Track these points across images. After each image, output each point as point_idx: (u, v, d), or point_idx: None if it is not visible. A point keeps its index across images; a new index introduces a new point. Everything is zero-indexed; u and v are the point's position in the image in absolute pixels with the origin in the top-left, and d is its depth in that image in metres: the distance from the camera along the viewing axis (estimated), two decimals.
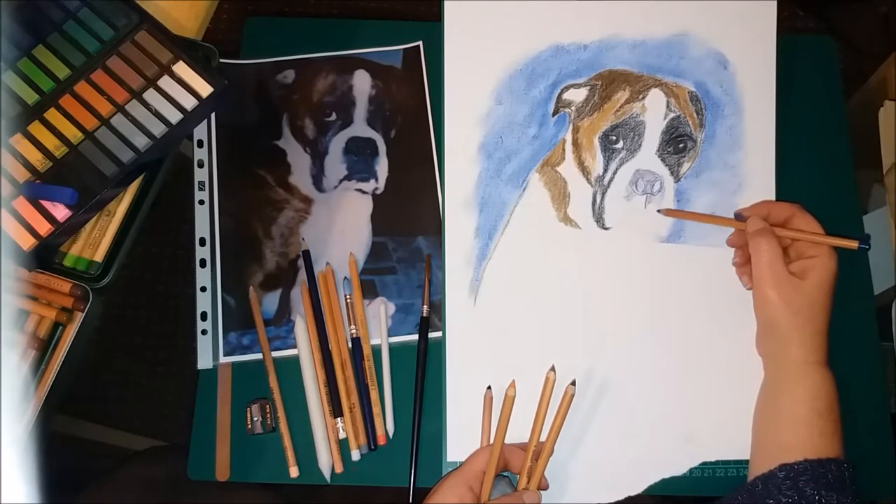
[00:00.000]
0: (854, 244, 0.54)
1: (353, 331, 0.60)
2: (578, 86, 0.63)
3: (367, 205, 0.64)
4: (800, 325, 0.52)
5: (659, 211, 0.61)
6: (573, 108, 0.63)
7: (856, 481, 0.49)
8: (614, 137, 0.62)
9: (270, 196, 0.65)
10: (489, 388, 0.57)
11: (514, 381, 0.50)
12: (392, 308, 0.62)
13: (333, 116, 0.67)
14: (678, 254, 0.60)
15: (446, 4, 0.64)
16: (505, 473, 0.54)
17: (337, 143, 0.66)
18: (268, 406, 0.59)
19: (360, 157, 0.66)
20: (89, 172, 0.61)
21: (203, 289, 0.62)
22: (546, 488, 0.52)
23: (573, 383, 0.50)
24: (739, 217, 0.59)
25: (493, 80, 0.63)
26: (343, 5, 0.76)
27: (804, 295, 0.52)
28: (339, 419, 0.58)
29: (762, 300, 0.54)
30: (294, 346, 0.60)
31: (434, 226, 0.63)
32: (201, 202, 0.64)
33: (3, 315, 0.58)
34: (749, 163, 0.62)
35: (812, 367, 0.52)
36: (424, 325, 0.60)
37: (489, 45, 0.64)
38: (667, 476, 0.56)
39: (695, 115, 0.62)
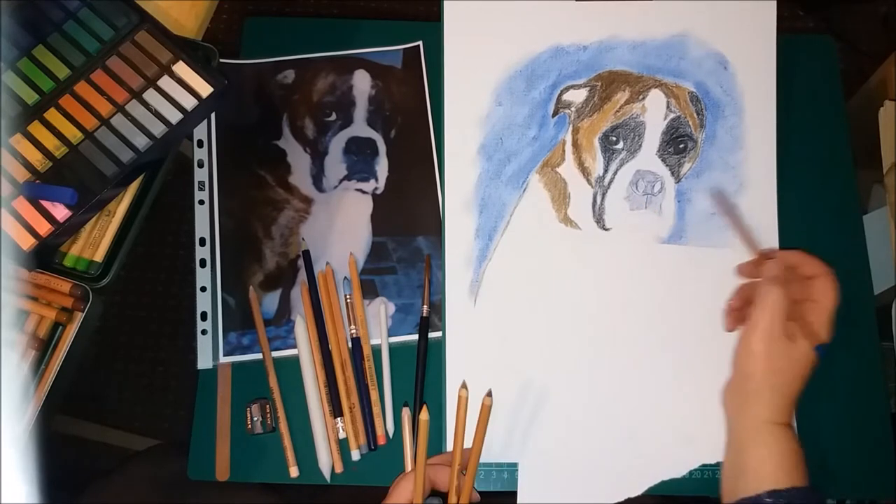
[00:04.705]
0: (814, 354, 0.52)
1: (353, 331, 0.60)
2: (578, 87, 0.63)
3: (367, 205, 0.64)
4: (774, 384, 0.51)
5: (713, 196, 0.59)
6: (573, 108, 0.63)
7: None
8: (614, 138, 0.62)
9: (270, 196, 0.65)
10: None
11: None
12: (392, 308, 0.62)
13: (333, 116, 0.67)
14: (679, 255, 0.60)
15: (446, 4, 0.64)
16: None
17: (337, 143, 0.66)
18: (268, 406, 0.59)
19: (360, 157, 0.66)
20: (89, 172, 0.61)
21: (203, 289, 0.62)
22: (478, 501, 0.51)
23: (489, 394, 0.48)
24: (765, 256, 0.57)
25: (493, 80, 0.63)
26: (343, 5, 0.76)
27: (789, 358, 0.51)
28: (339, 419, 0.58)
29: (746, 349, 0.52)
30: (294, 346, 0.60)
31: (434, 226, 0.63)
32: (201, 202, 0.64)
33: (3, 315, 0.58)
34: (750, 163, 0.62)
35: (776, 427, 0.50)
36: (424, 325, 0.60)
37: (489, 45, 0.64)
38: (666, 478, 0.56)
39: (695, 115, 0.62)
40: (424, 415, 0.48)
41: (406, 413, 0.58)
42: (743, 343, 0.53)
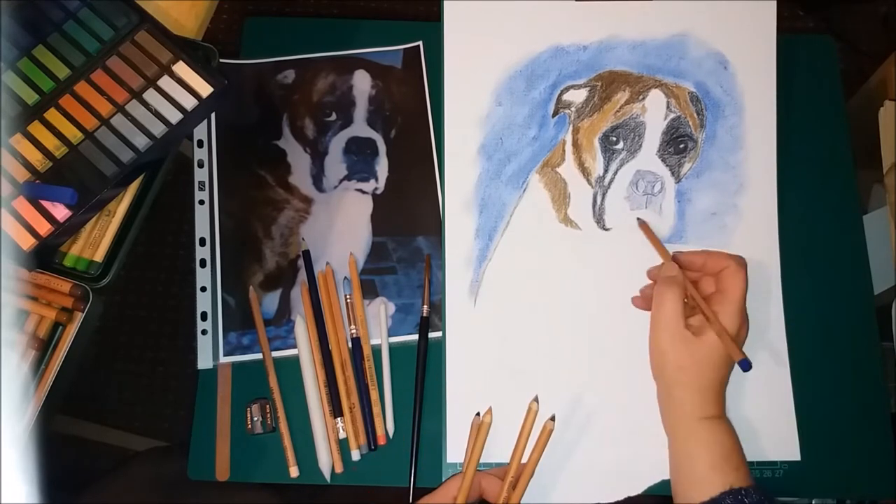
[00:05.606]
0: (739, 356, 0.51)
1: (353, 331, 0.60)
2: (578, 87, 0.63)
3: (367, 205, 0.64)
4: (685, 381, 0.51)
5: (639, 219, 0.60)
6: (573, 108, 0.63)
7: None
8: (614, 138, 0.62)
9: (270, 196, 0.65)
10: (478, 414, 0.56)
11: (490, 409, 0.50)
12: (392, 308, 0.62)
13: (333, 116, 0.67)
14: None
15: (446, 4, 0.64)
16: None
17: (337, 143, 0.66)
18: (268, 406, 0.59)
19: (360, 157, 0.66)
20: (89, 172, 0.61)
21: (203, 289, 0.62)
22: None
23: (553, 419, 0.50)
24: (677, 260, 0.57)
25: (493, 80, 0.63)
26: (343, 5, 0.76)
27: (693, 353, 0.51)
28: (339, 419, 0.58)
29: (650, 350, 0.54)
30: (294, 346, 0.60)
31: (434, 226, 0.63)
32: (201, 202, 0.64)
33: (3, 315, 0.58)
34: (750, 163, 0.62)
35: (699, 422, 0.50)
36: (424, 325, 0.60)
37: (489, 45, 0.64)
38: (666, 477, 0.56)
39: (695, 115, 0.62)
40: (488, 417, 0.49)
41: (475, 419, 0.56)
42: (651, 344, 0.54)
